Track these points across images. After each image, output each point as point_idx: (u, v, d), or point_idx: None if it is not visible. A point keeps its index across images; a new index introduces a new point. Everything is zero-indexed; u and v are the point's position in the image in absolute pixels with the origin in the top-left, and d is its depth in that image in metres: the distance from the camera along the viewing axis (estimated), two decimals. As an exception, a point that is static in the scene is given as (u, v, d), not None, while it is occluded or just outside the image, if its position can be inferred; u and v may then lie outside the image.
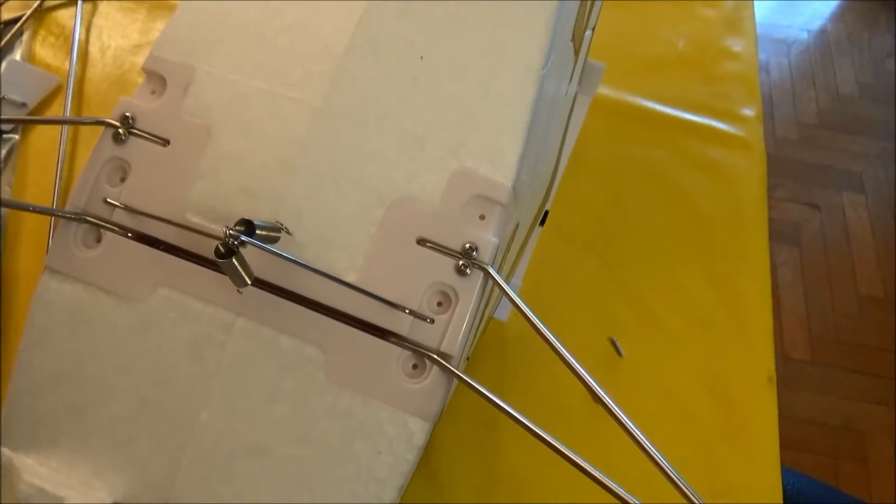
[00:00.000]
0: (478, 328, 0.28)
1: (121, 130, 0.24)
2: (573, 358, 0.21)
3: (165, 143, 0.24)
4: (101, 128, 0.24)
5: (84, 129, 0.44)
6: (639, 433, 0.20)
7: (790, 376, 1.26)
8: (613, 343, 0.42)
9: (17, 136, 0.43)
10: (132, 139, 0.24)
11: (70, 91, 0.43)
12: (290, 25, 0.25)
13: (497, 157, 0.24)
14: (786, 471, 0.66)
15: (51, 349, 0.23)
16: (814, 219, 1.45)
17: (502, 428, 0.39)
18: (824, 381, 1.26)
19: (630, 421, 0.20)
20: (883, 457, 1.15)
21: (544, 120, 0.28)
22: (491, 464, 0.37)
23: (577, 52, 0.33)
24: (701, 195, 0.49)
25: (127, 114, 0.24)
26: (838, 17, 1.79)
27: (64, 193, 0.40)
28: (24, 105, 0.43)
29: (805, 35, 1.73)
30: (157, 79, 0.25)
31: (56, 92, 0.45)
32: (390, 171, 0.24)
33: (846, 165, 1.53)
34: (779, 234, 1.42)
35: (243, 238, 0.20)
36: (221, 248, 0.20)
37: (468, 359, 0.29)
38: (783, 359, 1.27)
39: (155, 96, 0.25)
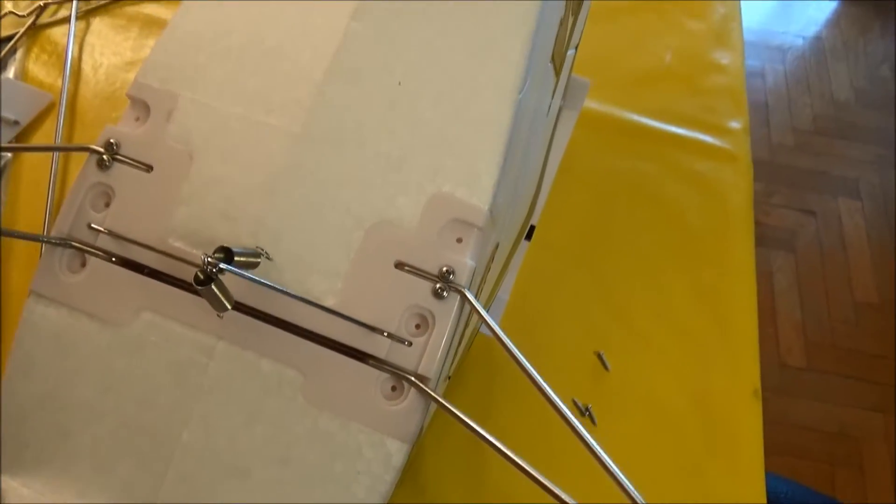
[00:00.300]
0: (458, 348, 0.28)
1: (105, 157, 0.24)
2: (542, 379, 0.21)
3: (149, 168, 0.24)
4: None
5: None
6: (604, 455, 0.20)
7: (786, 383, 1.26)
8: (600, 357, 0.43)
9: (9, 155, 0.43)
10: (116, 165, 0.25)
11: (62, 110, 0.43)
12: (270, 51, 0.25)
13: (474, 182, 0.24)
14: (780, 479, 0.66)
15: (36, 373, 0.24)
16: (809, 225, 1.46)
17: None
18: (820, 388, 1.26)
19: (598, 444, 0.21)
20: (879, 463, 1.16)
21: (523, 141, 0.28)
22: (479, 481, 0.38)
23: (558, 72, 0.33)
24: (688, 208, 0.49)
25: (111, 140, 0.25)
26: (833, 23, 1.80)
27: (54, 216, 0.40)
28: (16, 123, 0.44)
29: (800, 41, 1.73)
30: (141, 105, 0.25)
31: (49, 109, 0.46)
32: (369, 195, 0.24)
33: (842, 171, 1.54)
34: (774, 240, 1.42)
35: (221, 266, 0.20)
36: (200, 276, 0.21)
37: (449, 378, 0.30)
38: (779, 365, 1.28)
39: (139, 122, 0.25)
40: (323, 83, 0.25)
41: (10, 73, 0.47)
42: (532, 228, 0.42)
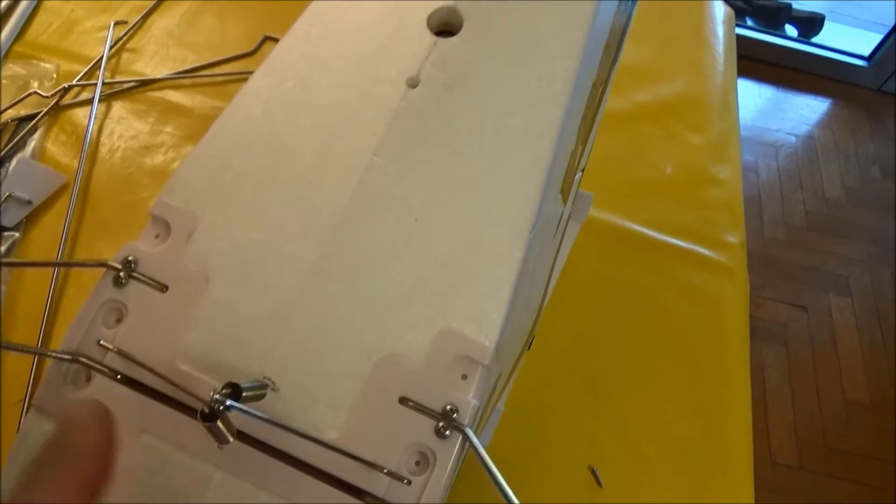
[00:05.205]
0: (455, 474, 0.28)
1: (122, 274, 0.25)
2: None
3: (164, 288, 0.25)
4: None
5: (85, 230, 0.45)
6: None
7: (778, 482, 1.24)
8: (593, 473, 0.42)
9: (17, 234, 0.44)
10: (132, 282, 0.25)
11: (75, 195, 0.44)
12: (294, 180, 0.26)
13: (482, 319, 0.25)
14: None
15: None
16: (800, 320, 1.47)
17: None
18: (812, 489, 1.24)
19: None
20: (871, 573, 1.13)
21: (531, 272, 0.29)
22: None
23: (566, 200, 0.34)
24: (685, 321, 0.50)
25: (129, 258, 0.25)
26: (825, 123, 1.86)
27: (51, 325, 0.40)
28: (29, 202, 0.45)
29: (792, 139, 1.79)
30: (162, 224, 0.26)
31: (62, 190, 0.46)
32: (379, 328, 0.24)
33: (833, 268, 1.56)
34: (766, 333, 1.43)
35: (228, 403, 0.20)
36: (206, 411, 0.21)
37: (445, 506, 0.29)
38: (770, 463, 1.26)
39: (159, 240, 0.26)
40: (342, 214, 0.25)
41: (29, 151, 0.48)
42: (532, 338, 0.42)
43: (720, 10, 0.71)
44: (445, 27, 0.28)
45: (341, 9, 0.28)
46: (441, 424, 0.24)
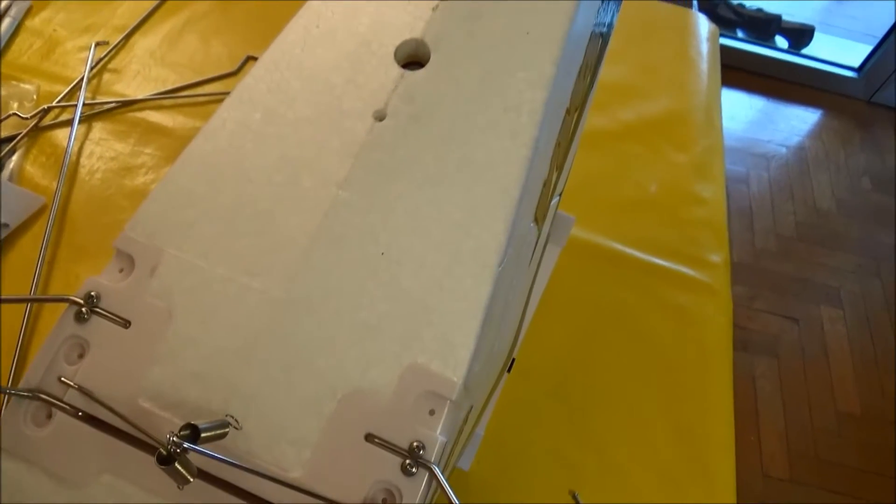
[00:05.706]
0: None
1: (83, 310, 0.24)
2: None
3: (127, 324, 0.25)
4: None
5: (63, 252, 0.44)
6: None
7: (769, 495, 1.24)
8: (575, 497, 0.42)
9: (-6, 258, 0.43)
10: (94, 318, 0.25)
11: (52, 217, 0.44)
12: (259, 214, 0.26)
13: (449, 354, 0.25)
14: None
15: (-14, 532, 0.23)
16: (792, 331, 1.47)
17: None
18: (803, 501, 1.24)
19: None
20: (864, 589, 1.12)
21: (502, 302, 0.29)
22: None
23: (541, 227, 0.34)
24: (668, 340, 0.49)
25: (92, 293, 0.25)
26: (815, 134, 1.87)
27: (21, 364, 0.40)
28: (6, 225, 0.44)
29: (783, 150, 1.80)
30: (126, 258, 0.26)
31: (41, 212, 0.46)
32: (344, 364, 0.24)
33: (824, 279, 1.56)
34: (757, 344, 1.43)
35: (186, 445, 0.20)
36: (164, 453, 0.20)
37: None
38: (762, 476, 1.26)
39: (123, 275, 0.25)
40: (308, 249, 0.25)
41: (7, 173, 0.47)
42: (512, 361, 0.42)
43: (704, 27, 0.71)
44: (413, 59, 0.28)
45: (310, 40, 0.28)
46: (407, 461, 0.23)
